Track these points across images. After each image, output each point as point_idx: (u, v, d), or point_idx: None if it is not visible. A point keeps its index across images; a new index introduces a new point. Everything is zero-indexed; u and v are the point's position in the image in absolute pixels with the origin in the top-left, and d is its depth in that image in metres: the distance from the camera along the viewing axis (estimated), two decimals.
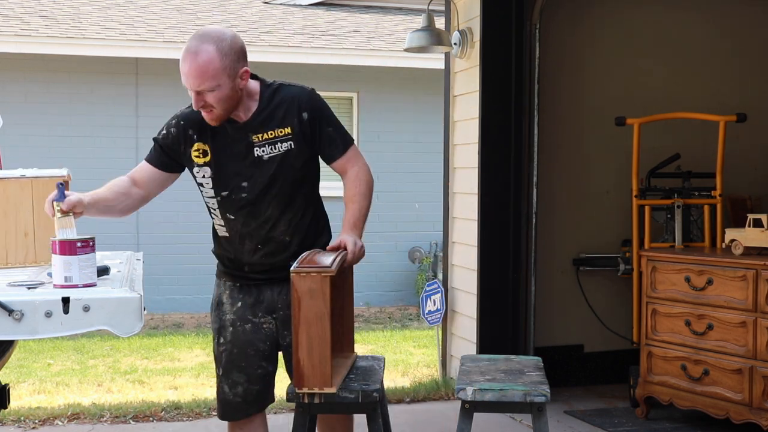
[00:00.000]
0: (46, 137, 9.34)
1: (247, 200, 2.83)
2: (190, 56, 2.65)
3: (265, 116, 2.81)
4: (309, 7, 11.60)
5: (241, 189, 2.83)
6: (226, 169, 2.82)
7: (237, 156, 2.81)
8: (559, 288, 5.43)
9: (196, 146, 2.83)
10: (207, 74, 2.65)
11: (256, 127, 2.80)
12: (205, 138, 2.82)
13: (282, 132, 2.81)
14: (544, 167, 5.20)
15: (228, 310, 2.96)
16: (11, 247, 2.85)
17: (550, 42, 5.24)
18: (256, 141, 2.80)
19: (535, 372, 2.93)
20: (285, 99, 2.84)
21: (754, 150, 5.69)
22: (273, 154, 2.81)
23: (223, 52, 2.68)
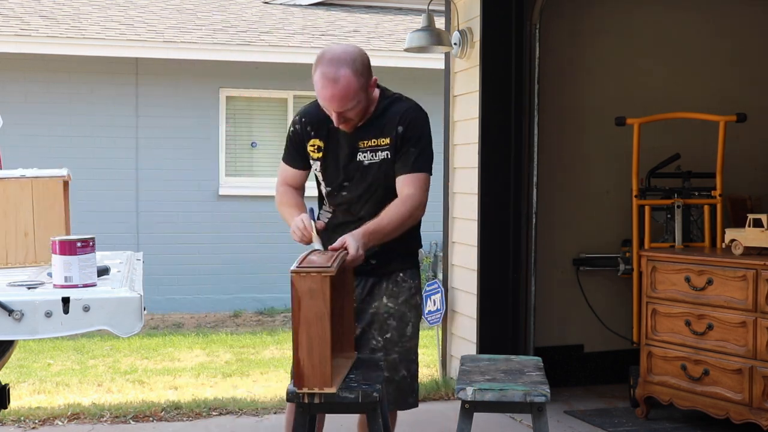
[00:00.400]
0: (46, 137, 9.34)
1: (346, 198, 3.06)
2: (330, 84, 2.85)
3: (374, 125, 3.00)
4: (309, 7, 11.60)
5: (342, 188, 3.06)
6: (334, 167, 3.05)
7: (344, 157, 3.03)
8: (559, 288, 5.43)
9: (312, 141, 3.07)
10: (348, 97, 2.86)
11: (363, 134, 3.00)
12: (321, 135, 3.05)
13: (383, 141, 2.99)
14: (544, 167, 5.20)
15: None
16: (11, 247, 2.84)
17: (550, 42, 5.24)
18: (361, 147, 3.01)
19: (535, 372, 2.93)
20: (394, 112, 3.02)
21: (754, 150, 5.69)
22: (373, 161, 3.01)
23: (358, 72, 2.88)
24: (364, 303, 3.10)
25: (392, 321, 3.10)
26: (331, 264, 2.54)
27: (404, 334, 3.13)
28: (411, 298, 3.14)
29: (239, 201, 9.91)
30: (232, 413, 4.89)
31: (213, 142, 9.90)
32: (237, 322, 9.30)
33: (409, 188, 2.97)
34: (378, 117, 3.00)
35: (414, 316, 3.15)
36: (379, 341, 3.10)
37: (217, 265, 9.73)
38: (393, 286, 3.11)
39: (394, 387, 3.08)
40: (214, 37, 9.84)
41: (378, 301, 3.10)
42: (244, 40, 9.89)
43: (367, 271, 3.05)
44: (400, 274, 3.13)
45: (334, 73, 2.85)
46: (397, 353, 3.11)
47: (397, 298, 3.11)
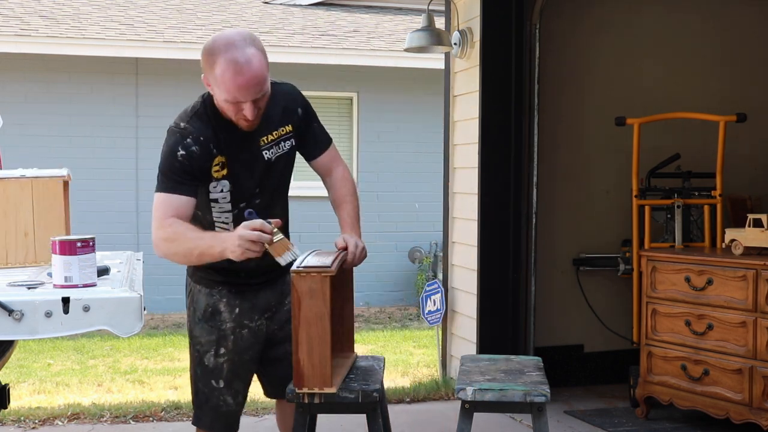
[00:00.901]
0: (46, 137, 9.34)
1: (259, 207, 2.72)
2: (244, 67, 2.52)
3: (270, 115, 2.72)
4: (309, 7, 11.60)
5: (254, 196, 2.74)
6: (242, 179, 2.71)
7: (248, 162, 2.71)
8: (559, 288, 5.43)
9: (216, 160, 2.66)
10: (264, 78, 2.57)
11: (262, 129, 2.72)
12: (220, 149, 2.67)
13: (285, 130, 2.77)
14: (544, 167, 5.20)
15: (227, 318, 2.82)
16: (11, 247, 2.84)
17: (551, 42, 5.24)
18: (263, 144, 2.73)
19: (535, 372, 2.93)
20: (281, 96, 2.76)
21: (754, 150, 5.69)
22: (279, 153, 2.77)
23: (263, 50, 2.61)
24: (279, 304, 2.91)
25: None
26: (331, 264, 2.54)
27: None
28: None
29: None
30: None
31: None
32: None
33: (337, 165, 2.89)
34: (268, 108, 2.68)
35: None
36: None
37: None
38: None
39: None
40: None
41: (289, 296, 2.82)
42: None
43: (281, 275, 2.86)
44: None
45: (243, 55, 2.52)
46: None
47: None
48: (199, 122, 2.68)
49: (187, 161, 2.62)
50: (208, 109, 2.70)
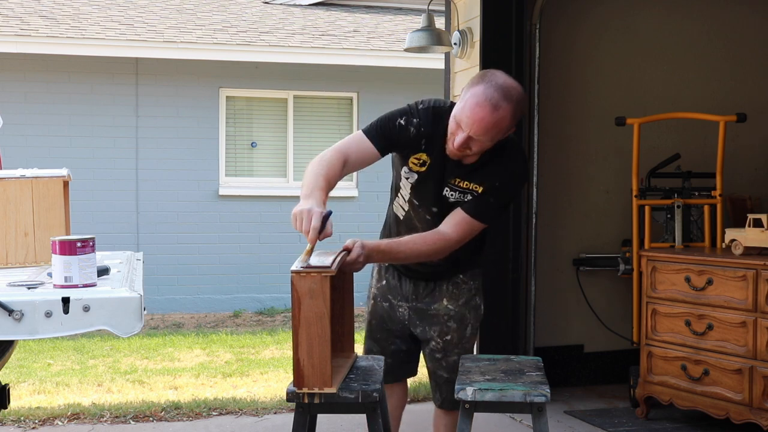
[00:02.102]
0: (46, 137, 9.34)
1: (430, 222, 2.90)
2: (489, 107, 2.63)
3: (477, 167, 2.81)
4: (309, 7, 11.60)
5: (429, 212, 2.91)
6: (426, 187, 2.88)
7: (436, 183, 2.86)
8: (559, 288, 5.43)
9: (419, 155, 2.84)
10: (494, 130, 2.68)
11: (463, 172, 2.82)
12: (430, 152, 2.83)
13: (477, 188, 2.83)
14: (544, 167, 5.20)
15: (373, 285, 3.19)
16: (11, 247, 2.84)
17: (551, 42, 5.24)
18: (451, 183, 2.84)
19: (535, 372, 2.93)
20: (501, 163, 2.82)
21: (754, 150, 5.69)
22: (456, 200, 2.85)
23: (515, 116, 2.71)
24: (424, 303, 3.09)
25: (452, 323, 3.08)
26: (331, 264, 2.54)
27: (464, 336, 3.11)
28: (471, 299, 3.11)
29: (239, 201, 9.91)
30: (232, 413, 4.89)
31: (213, 142, 9.90)
32: (237, 322, 9.30)
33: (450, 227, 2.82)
34: (484, 161, 2.81)
35: (473, 317, 3.12)
36: (438, 343, 3.10)
37: (217, 265, 9.74)
38: (453, 288, 3.08)
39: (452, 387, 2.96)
40: (214, 37, 9.84)
41: (438, 303, 3.08)
42: (244, 40, 9.89)
43: (427, 273, 3.05)
44: (460, 276, 3.09)
45: (497, 100, 2.63)
46: (456, 354, 3.10)
47: (457, 300, 3.08)
48: (432, 119, 2.81)
49: (397, 131, 2.80)
50: (445, 116, 2.80)
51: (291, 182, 10.01)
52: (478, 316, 3.15)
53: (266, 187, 10.05)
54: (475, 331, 3.15)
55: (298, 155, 10.10)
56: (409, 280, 3.09)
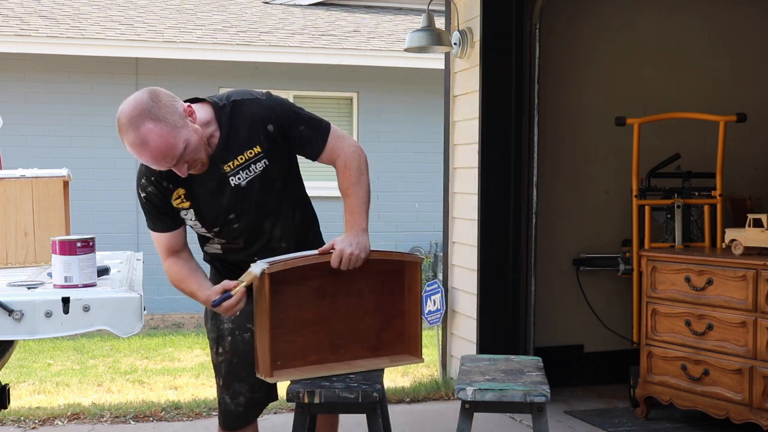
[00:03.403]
0: (46, 137, 9.34)
1: (240, 229, 2.78)
2: (140, 147, 2.51)
3: (229, 142, 2.69)
4: (309, 7, 11.60)
5: (230, 221, 2.76)
6: (209, 209, 2.73)
7: (215, 192, 2.71)
8: (559, 288, 5.43)
9: (175, 194, 2.73)
10: (166, 148, 2.53)
11: (224, 156, 2.69)
12: (180, 183, 2.70)
13: (252, 153, 2.70)
14: (544, 167, 5.20)
15: (226, 319, 2.87)
16: (11, 247, 2.85)
17: (551, 42, 5.24)
18: (228, 170, 2.69)
19: (535, 372, 2.93)
20: (245, 118, 2.70)
21: (754, 150, 5.69)
22: (250, 177, 2.71)
23: (158, 117, 2.53)
24: None
25: None
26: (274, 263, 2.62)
27: None
28: None
29: None
30: None
31: None
32: None
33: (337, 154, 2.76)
34: (227, 133, 2.68)
35: None
36: None
37: None
38: None
39: None
40: (214, 37, 9.84)
41: None
42: (244, 40, 9.89)
43: None
44: None
45: (137, 136, 2.50)
46: None
47: None
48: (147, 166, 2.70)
49: (149, 201, 2.76)
50: None
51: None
52: None
53: None
54: None
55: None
56: None
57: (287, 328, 2.72)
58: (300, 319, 2.74)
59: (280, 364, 2.71)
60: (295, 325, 2.73)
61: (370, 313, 2.84)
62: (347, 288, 2.81)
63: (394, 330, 2.87)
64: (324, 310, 2.78)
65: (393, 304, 2.87)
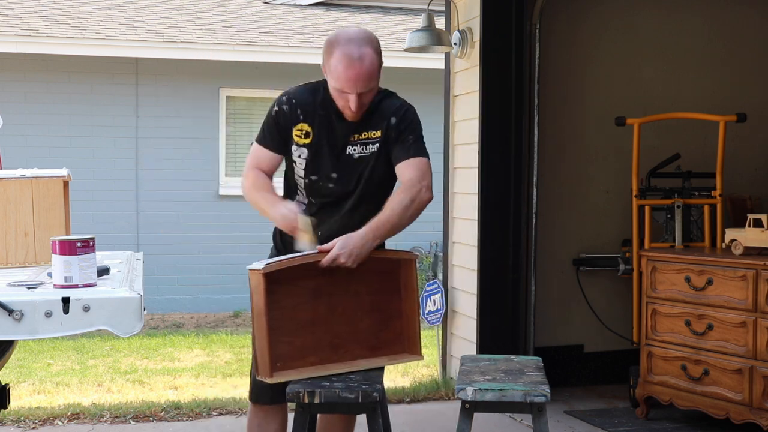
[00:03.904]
0: (46, 137, 9.34)
1: (332, 191, 2.93)
2: (356, 63, 2.77)
3: (367, 119, 2.91)
4: (309, 7, 11.60)
5: (329, 179, 2.93)
6: (321, 157, 2.91)
7: (334, 148, 2.91)
8: (559, 288, 5.43)
9: (300, 126, 2.91)
10: (373, 76, 2.82)
11: (356, 126, 2.91)
12: (310, 120, 2.91)
13: (374, 134, 2.91)
14: (544, 167, 5.20)
15: None
16: (11, 247, 2.84)
17: (551, 42, 5.24)
18: (352, 140, 2.91)
19: (535, 372, 2.93)
20: (386, 105, 2.95)
21: (754, 150, 5.69)
22: (363, 154, 2.92)
23: (378, 51, 2.87)
24: None
25: None
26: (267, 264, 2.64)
27: None
28: None
29: (239, 201, 9.80)
30: (232, 413, 4.89)
31: (213, 142, 9.90)
32: (237, 322, 9.30)
33: (410, 172, 2.89)
34: (371, 111, 2.92)
35: None
36: None
37: (217, 265, 9.73)
38: None
39: None
40: (214, 37, 9.84)
41: None
42: (244, 40, 9.89)
43: None
44: None
45: (358, 52, 2.79)
46: None
47: None
48: (305, 92, 2.94)
49: (275, 117, 2.94)
50: (321, 88, 2.93)
51: None
52: None
53: None
54: None
55: None
56: None
57: (285, 328, 2.73)
58: (298, 320, 2.75)
59: (279, 365, 2.72)
60: (293, 326, 2.74)
61: (367, 313, 2.85)
62: (344, 288, 2.82)
63: (393, 328, 2.88)
64: (321, 311, 2.78)
65: (390, 303, 2.88)
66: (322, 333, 2.78)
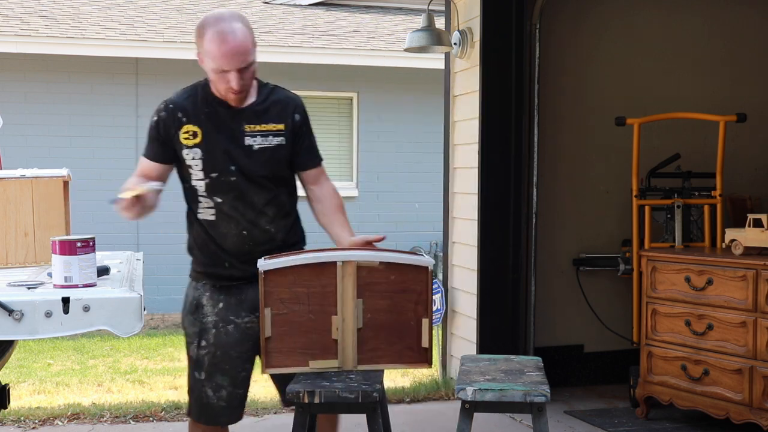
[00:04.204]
0: (46, 137, 9.34)
1: (235, 183, 2.87)
2: (229, 36, 2.76)
3: (261, 109, 2.90)
4: (309, 7, 11.60)
5: (230, 172, 2.86)
6: (216, 151, 2.86)
7: (228, 139, 2.86)
8: (559, 288, 5.43)
9: (185, 128, 2.87)
10: (248, 50, 2.79)
11: (250, 117, 2.88)
12: (195, 120, 2.87)
13: (276, 127, 2.90)
14: (544, 167, 5.20)
15: (209, 312, 2.92)
16: (11, 247, 2.85)
17: (551, 42, 5.24)
18: (248, 130, 2.87)
19: (535, 372, 2.93)
20: (281, 99, 2.95)
21: (754, 150, 5.69)
22: (264, 145, 2.88)
23: (249, 28, 2.84)
24: None
25: None
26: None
27: None
28: None
29: None
30: None
31: None
32: None
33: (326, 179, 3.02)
34: (263, 102, 2.91)
35: None
36: None
37: None
38: None
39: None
40: None
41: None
42: None
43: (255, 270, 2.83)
44: None
45: (230, 27, 2.78)
46: None
47: None
48: (183, 93, 2.93)
49: (155, 127, 2.90)
50: (199, 87, 2.92)
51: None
52: None
53: None
54: None
55: None
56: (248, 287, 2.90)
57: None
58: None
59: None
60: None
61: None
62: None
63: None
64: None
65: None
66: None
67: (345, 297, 2.80)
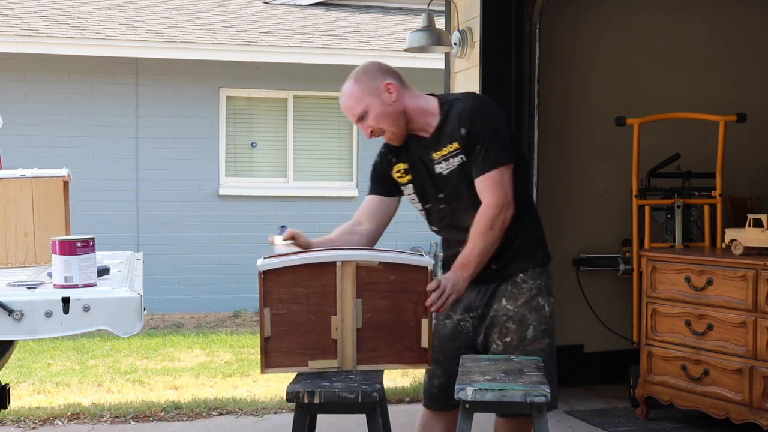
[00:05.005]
0: (46, 137, 9.34)
1: (446, 211, 3.05)
2: (341, 98, 3.00)
3: (440, 133, 2.99)
4: (309, 7, 11.60)
5: (439, 200, 3.05)
6: (423, 184, 3.06)
7: (425, 171, 3.04)
8: (559, 288, 5.39)
9: (396, 168, 3.09)
10: (351, 103, 2.96)
11: (434, 144, 3.00)
12: (402, 158, 3.07)
13: (452, 147, 2.96)
14: (544, 167, 5.20)
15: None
16: (11, 247, 2.85)
17: (551, 42, 5.24)
18: (435, 158, 3.00)
19: (535, 372, 2.93)
20: (452, 115, 2.99)
21: (754, 150, 5.69)
22: (451, 168, 2.98)
23: (358, 78, 2.97)
24: (486, 307, 3.05)
25: (511, 324, 3.02)
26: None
27: (524, 338, 3.03)
28: (532, 299, 3.06)
29: (239, 201, 9.91)
30: (232, 413, 4.89)
31: (213, 142, 9.90)
32: (237, 322, 9.30)
33: (484, 193, 2.92)
34: (442, 125, 2.98)
35: (535, 318, 3.05)
36: (498, 345, 3.04)
37: (217, 265, 9.73)
38: (512, 288, 3.04)
39: None
40: (214, 37, 9.84)
41: (497, 303, 3.03)
42: (244, 40, 9.88)
43: (488, 277, 3.00)
44: (520, 275, 3.05)
45: (342, 88, 2.99)
46: None
47: (516, 300, 3.03)
48: None
49: (374, 167, 3.18)
50: None
51: (291, 182, 10.01)
52: (541, 317, 3.06)
53: (266, 187, 10.05)
54: (539, 333, 3.05)
55: (298, 155, 10.10)
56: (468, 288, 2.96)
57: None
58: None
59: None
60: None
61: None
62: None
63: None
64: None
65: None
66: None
67: (344, 297, 2.79)
